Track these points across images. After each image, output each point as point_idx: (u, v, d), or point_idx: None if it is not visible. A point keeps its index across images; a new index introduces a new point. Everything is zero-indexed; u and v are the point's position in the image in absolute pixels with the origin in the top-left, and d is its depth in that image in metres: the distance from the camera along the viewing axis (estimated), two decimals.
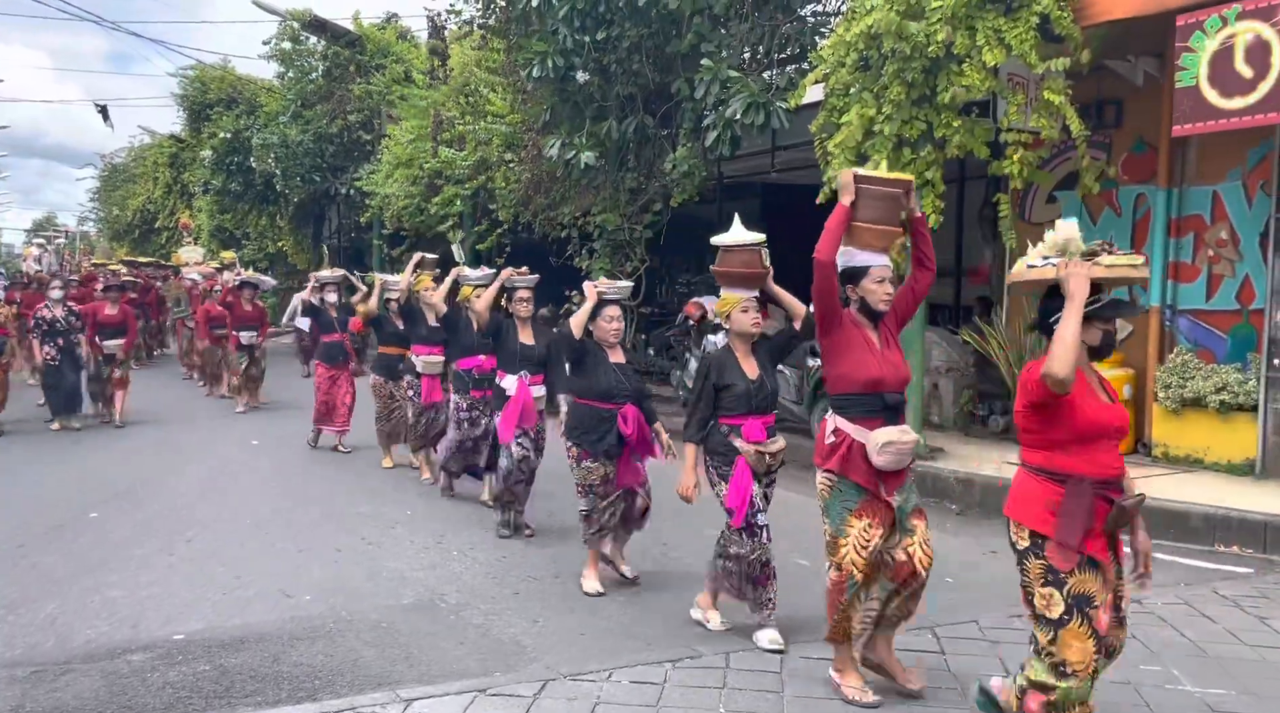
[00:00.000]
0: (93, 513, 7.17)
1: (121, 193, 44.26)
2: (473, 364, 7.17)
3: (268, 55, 21.41)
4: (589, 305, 5.27)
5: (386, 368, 8.79)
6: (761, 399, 4.58)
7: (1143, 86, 8.79)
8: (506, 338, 6.36)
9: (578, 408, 5.37)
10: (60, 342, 10.94)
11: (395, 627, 4.84)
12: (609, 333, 5.35)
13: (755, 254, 4.59)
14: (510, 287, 6.43)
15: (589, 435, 5.26)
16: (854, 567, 3.79)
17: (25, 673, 4.25)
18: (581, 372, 5.35)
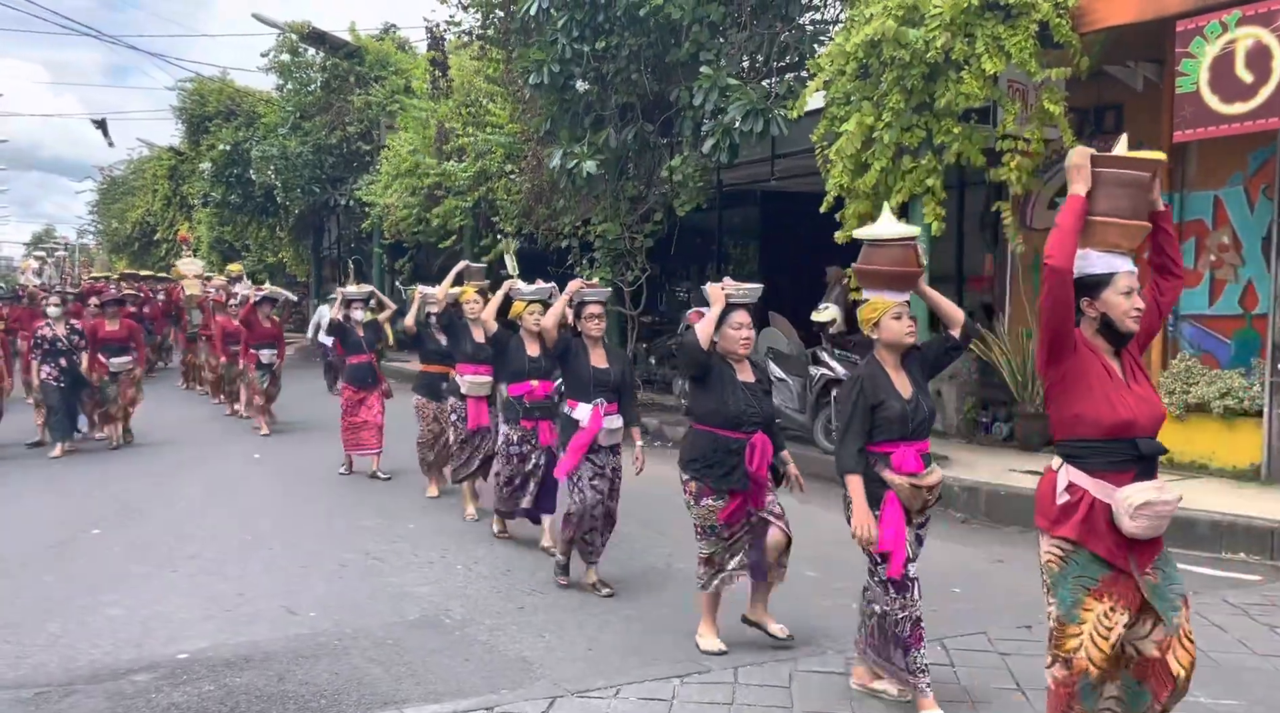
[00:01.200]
0: (95, 530, 7.14)
1: (121, 206, 44.38)
2: (524, 390, 6.28)
3: (266, 67, 21.50)
4: (715, 311, 4.49)
5: (429, 388, 8.07)
6: (918, 422, 3.90)
7: (1142, 92, 8.80)
8: (576, 361, 5.51)
9: (698, 436, 4.59)
10: (62, 362, 10.38)
11: (401, 644, 4.81)
12: (737, 345, 4.56)
13: (909, 250, 3.95)
14: (579, 301, 5.60)
15: (713, 470, 4.49)
16: (1089, 662, 2.98)
17: (29, 695, 4.22)
18: (704, 392, 4.56)
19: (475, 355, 7.14)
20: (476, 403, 7.20)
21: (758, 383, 4.66)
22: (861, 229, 4.11)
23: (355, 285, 9.82)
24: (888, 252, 3.93)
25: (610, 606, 5.38)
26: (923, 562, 4.04)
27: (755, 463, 4.48)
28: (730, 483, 4.48)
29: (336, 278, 25.93)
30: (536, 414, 6.30)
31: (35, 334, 10.53)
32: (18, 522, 7.43)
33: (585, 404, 5.45)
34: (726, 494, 4.49)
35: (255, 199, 23.68)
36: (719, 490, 4.49)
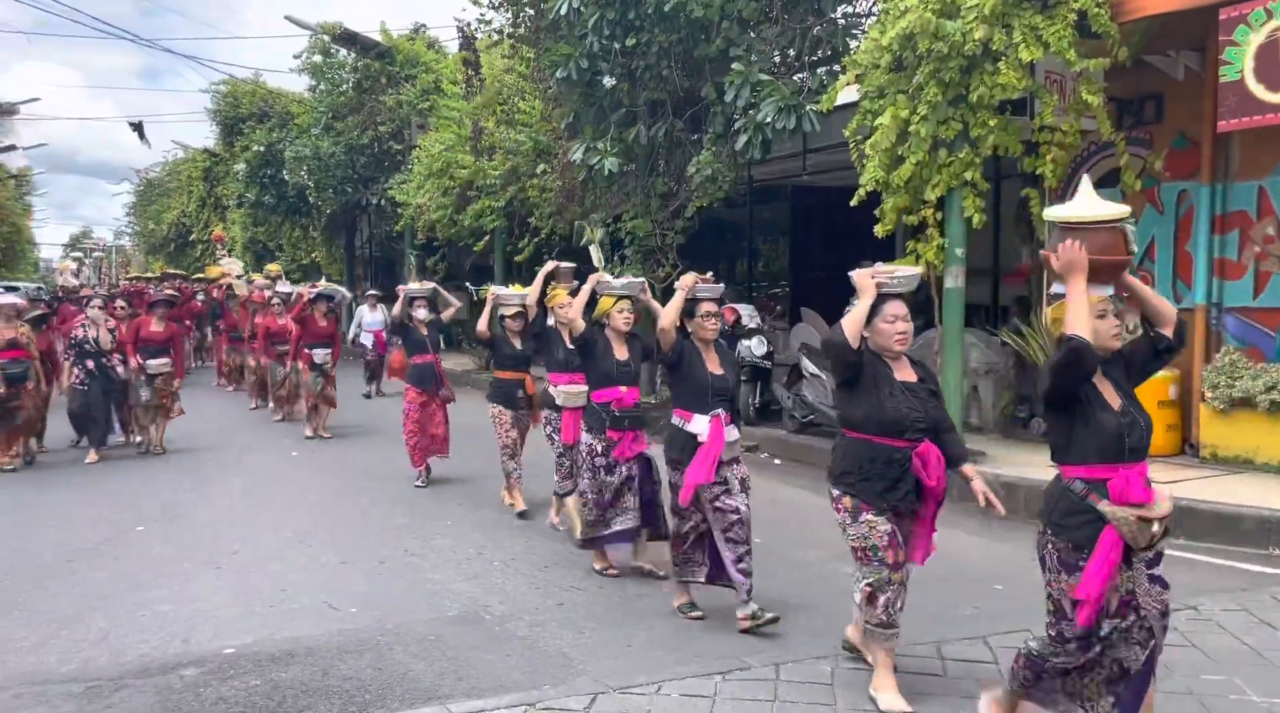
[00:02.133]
0: (139, 527, 7.25)
1: (157, 207, 44.99)
2: (611, 396, 5.68)
3: (299, 69, 21.71)
4: (865, 302, 3.88)
5: (504, 396, 7.48)
6: (1136, 439, 3.28)
7: (1184, 81, 8.66)
8: (690, 367, 4.93)
9: (852, 446, 3.97)
10: (90, 364, 9.94)
11: (442, 639, 4.84)
12: (892, 340, 3.96)
13: (1117, 235, 3.32)
14: (692, 298, 4.96)
15: (872, 483, 3.89)
16: None
17: (80, 689, 4.29)
18: (856, 395, 3.95)
19: (568, 363, 6.52)
20: (573, 415, 6.45)
21: (920, 383, 4.03)
22: (1057, 209, 3.45)
23: (417, 282, 9.19)
24: (1094, 237, 3.24)
25: (649, 603, 5.39)
26: (960, 560, 4.00)
27: (932, 477, 3.88)
28: (894, 498, 3.88)
29: (368, 277, 26.16)
30: (625, 424, 5.66)
31: (71, 335, 10.24)
32: (63, 519, 7.55)
33: (702, 415, 4.84)
34: (889, 511, 3.90)
35: (289, 199, 23.92)
36: (880, 507, 3.89)
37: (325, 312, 11.53)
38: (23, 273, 40.60)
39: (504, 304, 7.29)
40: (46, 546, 6.75)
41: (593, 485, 5.66)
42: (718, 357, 5.06)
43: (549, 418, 6.84)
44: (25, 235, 41.77)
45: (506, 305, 7.28)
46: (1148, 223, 9.05)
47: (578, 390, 6.39)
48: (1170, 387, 8.36)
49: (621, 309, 5.68)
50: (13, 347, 9.43)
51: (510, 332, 7.41)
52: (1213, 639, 4.65)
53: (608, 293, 5.70)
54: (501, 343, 7.50)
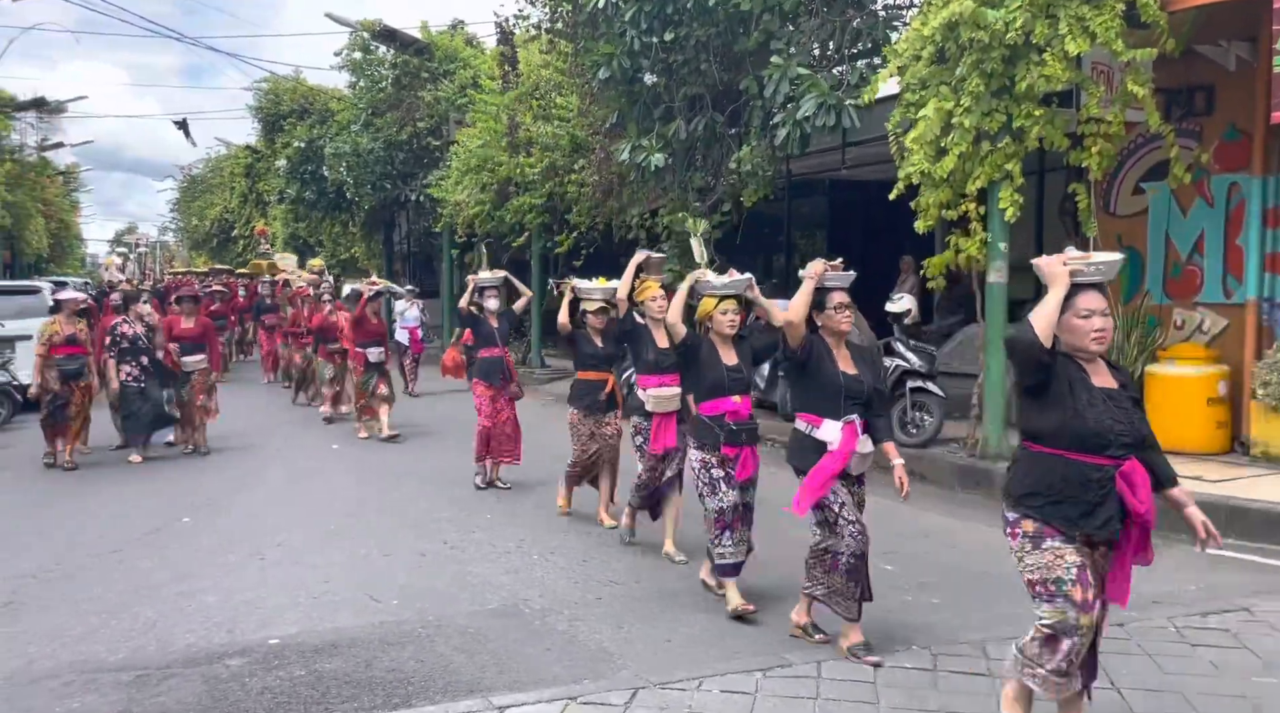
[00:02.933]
0: (185, 519, 7.37)
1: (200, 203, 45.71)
2: (724, 408, 5.01)
3: (339, 65, 21.91)
4: (1058, 293, 3.27)
5: (586, 399, 6.82)
6: None
7: (1235, 71, 8.46)
8: (820, 366, 4.42)
9: (1039, 462, 3.34)
10: (144, 360, 9.70)
11: (483, 632, 4.86)
12: (1088, 338, 3.32)
13: None
14: (822, 288, 4.44)
15: (1065, 507, 3.28)
16: None
17: (130, 677, 4.37)
18: (1045, 403, 3.33)
19: (659, 364, 6.00)
20: (663, 420, 6.00)
21: (1122, 390, 3.38)
22: None
23: (488, 271, 8.69)
24: None
25: (688, 599, 5.37)
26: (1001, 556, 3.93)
27: (1143, 502, 3.24)
28: (1091, 525, 3.25)
29: (406, 272, 26.37)
30: (742, 438, 5.03)
31: (113, 331, 9.76)
32: (111, 511, 7.69)
33: (832, 421, 4.37)
34: (1079, 540, 3.30)
35: (328, 195, 24.16)
36: (1073, 535, 3.29)
37: (376, 310, 11.27)
38: (70, 268, 41.42)
39: (587, 298, 6.72)
40: (94, 536, 6.89)
41: (717, 501, 5.02)
42: (850, 354, 4.53)
43: (638, 426, 6.22)
44: (73, 231, 42.68)
45: (589, 299, 6.72)
46: (1197, 216, 8.87)
47: (669, 393, 5.95)
48: (1220, 384, 8.19)
49: (725, 310, 5.05)
50: (72, 343, 9.47)
51: (593, 329, 6.82)
52: (1265, 641, 4.55)
53: (709, 293, 5.10)
54: (583, 341, 6.85)
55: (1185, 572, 5.62)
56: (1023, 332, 3.28)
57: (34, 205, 31.30)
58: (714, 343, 5.12)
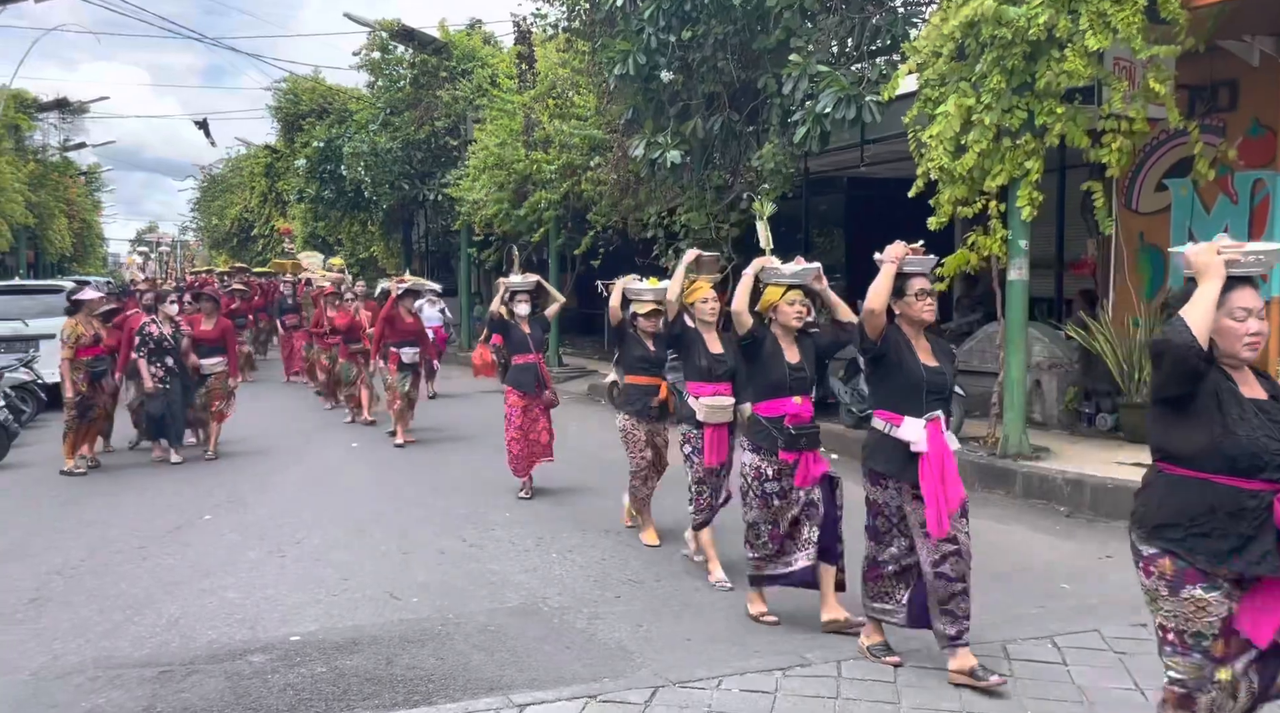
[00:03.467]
0: (206, 516, 7.43)
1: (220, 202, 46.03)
2: (782, 409, 4.71)
3: (357, 65, 21.99)
4: (1212, 288, 2.82)
5: (637, 405, 6.37)
6: None
7: (1259, 66, 8.38)
8: (900, 359, 4.07)
9: (1179, 487, 2.88)
10: (169, 361, 9.54)
11: (502, 630, 4.88)
12: (1240, 343, 2.87)
13: None
14: (902, 273, 4.09)
15: (1213, 541, 2.81)
16: None
17: (154, 674, 4.41)
18: (1190, 417, 2.87)
19: (711, 371, 5.56)
20: (716, 431, 5.52)
21: (1273, 401, 2.90)
22: None
23: (519, 274, 8.25)
24: None
25: (707, 597, 5.37)
26: (1025, 557, 3.92)
27: None
28: (1245, 562, 2.77)
29: (424, 271, 26.46)
30: (803, 442, 4.67)
31: (140, 331, 9.57)
32: (133, 509, 7.75)
33: (915, 418, 4.00)
34: (1227, 583, 2.81)
35: (347, 194, 24.27)
36: (1215, 576, 2.80)
37: (410, 308, 10.83)
38: (93, 267, 41.79)
39: (637, 300, 6.25)
40: (118, 533, 6.95)
41: (764, 515, 4.75)
42: (930, 346, 4.15)
43: (688, 436, 5.74)
44: (95, 231, 43.02)
45: (640, 301, 6.24)
46: (1221, 213, 8.79)
47: (723, 403, 5.50)
48: None
49: (792, 301, 4.70)
50: (97, 343, 9.39)
51: (643, 332, 6.34)
52: None
53: (775, 282, 4.74)
54: (633, 342, 6.39)
55: None
56: (1176, 332, 2.79)
57: (57, 205, 31.63)
58: (776, 338, 4.76)
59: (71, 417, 9.19)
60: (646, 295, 6.22)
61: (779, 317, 4.78)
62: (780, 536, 4.74)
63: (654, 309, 6.21)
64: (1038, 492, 7.59)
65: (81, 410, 9.23)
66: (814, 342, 4.92)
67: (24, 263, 29.55)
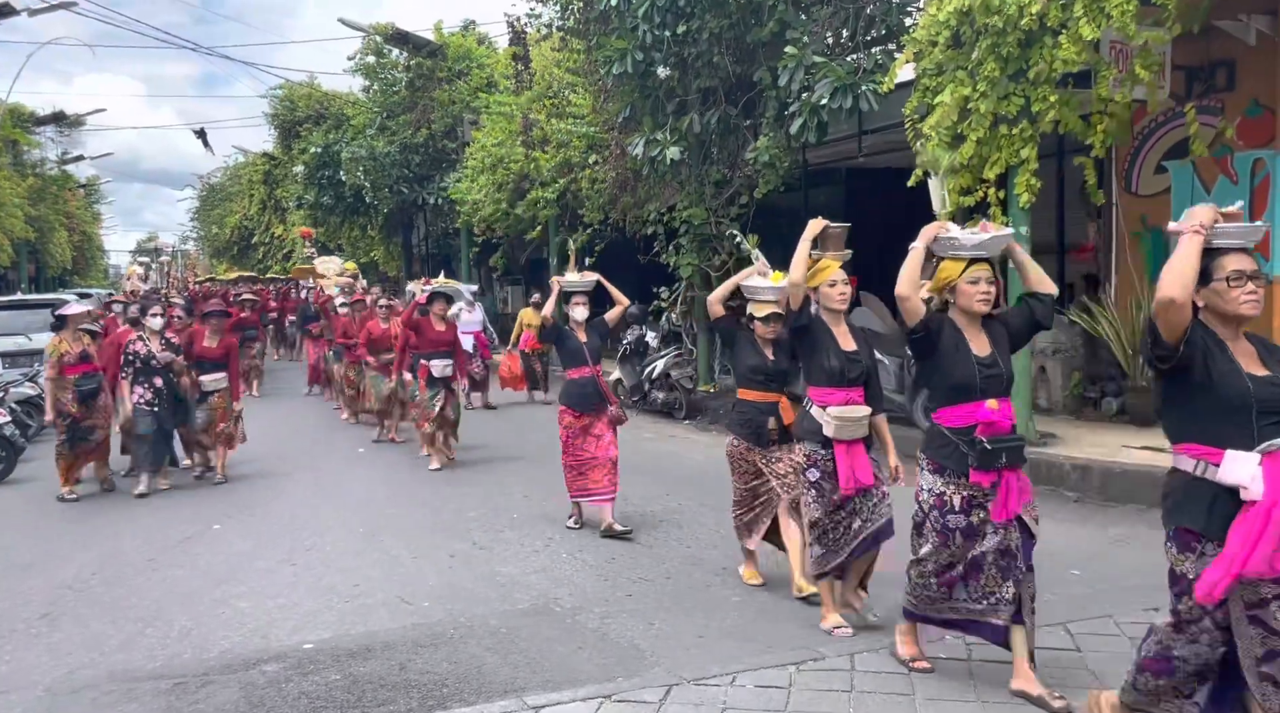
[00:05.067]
0: (215, 526, 7.44)
1: (219, 211, 46.05)
2: (975, 416, 3.70)
3: (353, 70, 22.01)
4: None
5: (750, 426, 5.25)
6: None
7: (1256, 46, 8.35)
8: (1213, 370, 2.98)
9: None
10: (157, 381, 8.63)
11: (515, 632, 4.88)
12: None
13: None
14: (1219, 244, 3.01)
15: None
16: None
17: (168, 685, 4.41)
18: None
19: (844, 374, 4.54)
20: (850, 449, 4.49)
21: None
22: None
23: (576, 273, 7.24)
24: None
25: (718, 593, 5.38)
26: (1039, 544, 3.89)
27: None
28: None
29: (425, 273, 26.47)
30: (1002, 459, 3.65)
31: (125, 349, 8.71)
32: (142, 522, 7.75)
33: (1241, 451, 2.89)
34: None
35: (346, 200, 24.30)
36: None
37: (441, 314, 9.51)
38: (94, 280, 41.85)
39: (755, 300, 5.20)
40: (128, 547, 6.96)
41: (939, 555, 3.80)
42: (1254, 348, 3.06)
43: (812, 456, 4.64)
44: (96, 243, 43.10)
45: (759, 302, 5.17)
46: (1221, 193, 8.76)
47: (858, 414, 4.51)
48: None
49: (976, 278, 3.77)
50: (86, 361, 8.72)
51: (761, 338, 5.27)
52: None
53: (954, 255, 3.82)
54: (747, 348, 5.31)
55: None
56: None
57: (57, 219, 31.69)
58: (956, 326, 3.82)
59: (60, 441, 8.58)
60: (766, 295, 5.10)
61: (960, 300, 3.83)
62: (954, 580, 3.83)
63: (775, 312, 5.08)
64: (1045, 478, 7.58)
65: (74, 434, 8.58)
66: (1005, 326, 3.90)
67: (25, 277, 29.60)
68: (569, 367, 6.84)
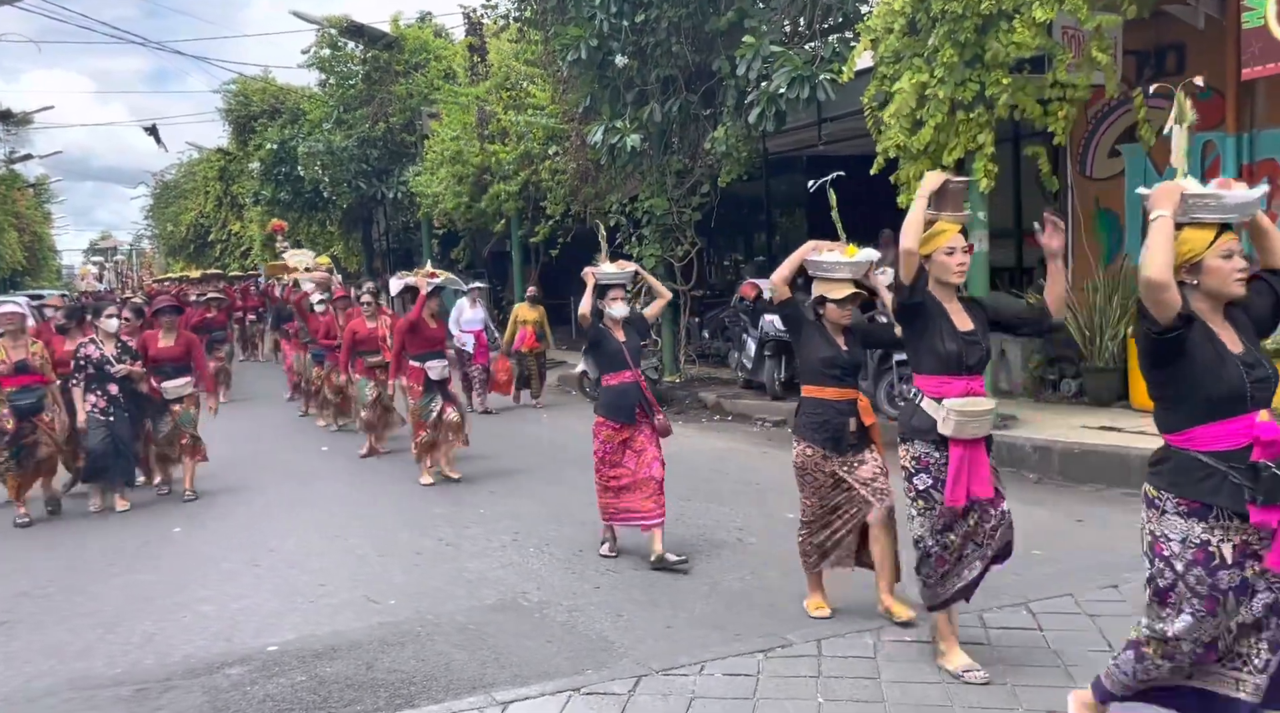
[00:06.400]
0: (176, 529, 7.32)
1: (174, 209, 45.32)
2: (1244, 434, 2.82)
3: (307, 64, 21.72)
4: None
5: (826, 429, 4.49)
6: None
7: (1204, 29, 8.49)
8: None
9: None
10: (112, 389, 7.89)
11: (482, 628, 4.86)
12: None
13: None
14: None
15: None
16: None
17: (129, 692, 4.34)
18: None
19: (962, 359, 3.78)
20: (969, 451, 3.73)
21: None
22: None
23: (612, 263, 6.19)
24: None
25: (684, 584, 5.39)
26: None
27: None
28: None
29: (386, 268, 26.23)
30: None
31: (77, 354, 7.93)
32: (102, 527, 7.58)
33: None
34: None
35: (304, 195, 24.01)
36: None
37: (435, 310, 8.46)
38: (47, 281, 41.04)
39: (826, 278, 4.47)
40: (87, 553, 6.83)
41: (1200, 627, 2.87)
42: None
43: (922, 459, 3.82)
44: (47, 243, 42.24)
45: (832, 280, 4.45)
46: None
47: (981, 406, 3.77)
48: None
49: (1229, 252, 2.90)
50: (22, 371, 7.62)
51: (833, 325, 4.56)
52: None
53: (1202, 219, 2.92)
54: (816, 338, 4.56)
55: None
56: None
57: (6, 219, 31.03)
58: (1204, 315, 2.92)
59: (3, 460, 7.65)
60: (841, 271, 4.42)
61: (1209, 280, 2.91)
62: (1222, 654, 2.94)
63: (854, 293, 4.48)
64: (1006, 459, 7.66)
65: (18, 452, 7.64)
66: (1246, 313, 3.02)
67: None
68: (606, 372, 5.96)
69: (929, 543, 3.82)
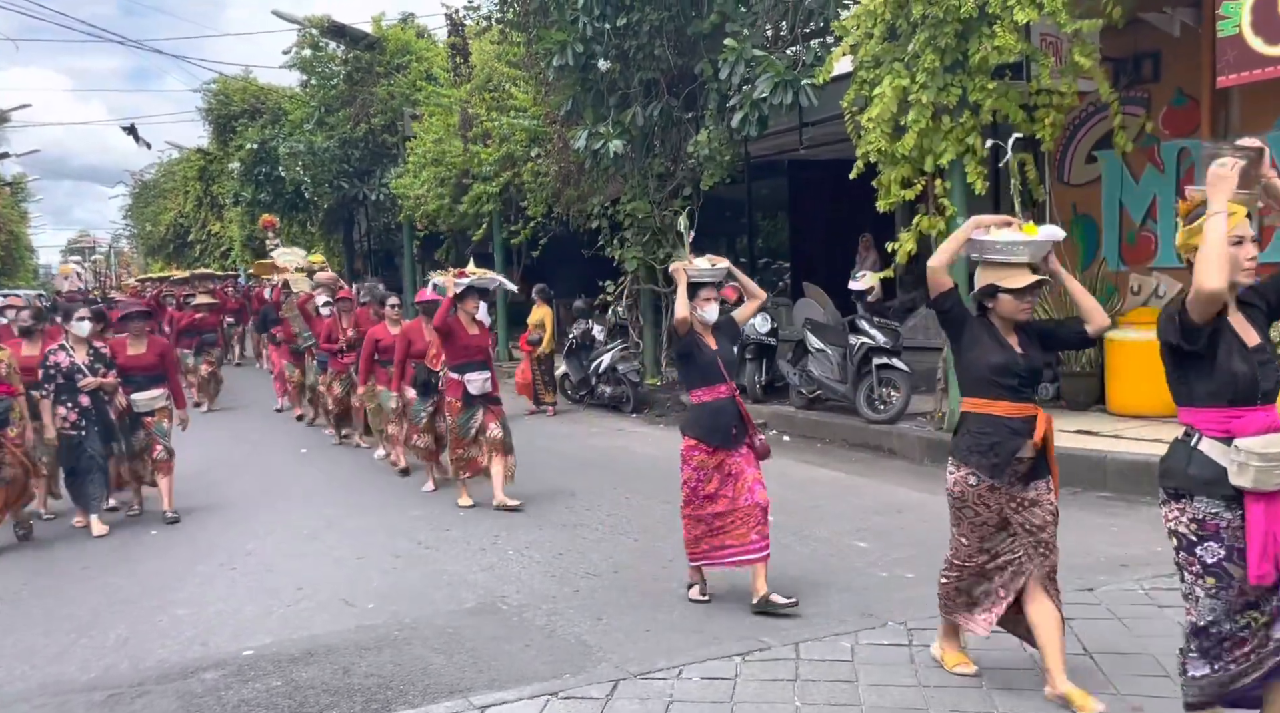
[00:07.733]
0: (152, 531, 7.26)
1: (153, 208, 44.93)
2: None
3: (289, 64, 21.59)
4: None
5: (996, 452, 3.62)
6: None
7: (1180, 37, 8.58)
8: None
9: None
10: (84, 400, 7.20)
11: (460, 632, 4.85)
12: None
13: None
14: None
15: None
16: None
17: (102, 697, 4.30)
18: None
19: (1255, 384, 2.90)
20: (1271, 507, 2.88)
21: None
22: None
23: (702, 258, 5.13)
24: None
25: (665, 587, 5.39)
26: None
27: None
28: None
29: (367, 270, 26.11)
30: None
31: (45, 361, 7.25)
32: (75, 531, 7.47)
33: None
34: None
35: (285, 196, 23.84)
36: None
37: (474, 312, 7.46)
38: (23, 280, 40.60)
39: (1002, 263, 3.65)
40: (61, 556, 6.76)
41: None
42: None
43: (1211, 523, 2.92)
44: (23, 242, 41.81)
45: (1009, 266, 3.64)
46: (1149, 182, 9.00)
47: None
48: None
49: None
50: None
51: (1004, 322, 3.73)
52: None
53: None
54: (985, 341, 3.70)
55: (1153, 534, 5.72)
56: None
57: None
58: None
59: None
60: (1018, 253, 3.60)
61: None
62: None
63: (1037, 280, 3.65)
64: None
65: None
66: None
67: None
68: (695, 386, 5.00)
69: (1225, 628, 2.92)
